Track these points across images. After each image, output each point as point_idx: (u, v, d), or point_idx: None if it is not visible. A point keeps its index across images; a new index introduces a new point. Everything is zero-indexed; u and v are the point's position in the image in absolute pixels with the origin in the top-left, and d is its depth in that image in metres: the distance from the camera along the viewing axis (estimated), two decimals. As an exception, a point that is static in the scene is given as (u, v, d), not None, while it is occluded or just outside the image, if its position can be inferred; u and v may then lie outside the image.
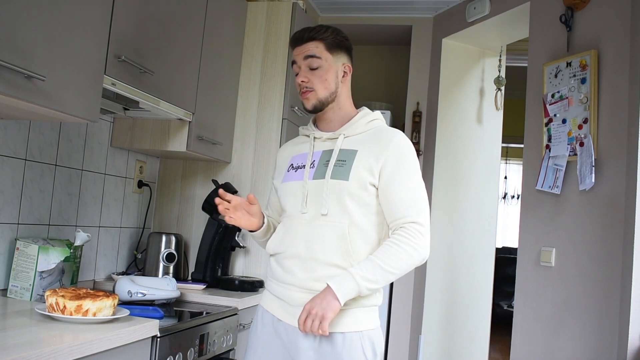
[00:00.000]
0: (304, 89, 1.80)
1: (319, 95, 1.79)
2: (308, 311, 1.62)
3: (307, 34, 1.81)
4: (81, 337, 1.48)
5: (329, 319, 1.61)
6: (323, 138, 1.83)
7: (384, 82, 4.35)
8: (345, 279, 1.65)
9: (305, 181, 1.78)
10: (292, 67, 1.85)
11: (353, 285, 1.64)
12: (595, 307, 2.49)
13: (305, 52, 1.80)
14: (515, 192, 8.76)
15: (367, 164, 1.73)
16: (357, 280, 1.64)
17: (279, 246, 1.81)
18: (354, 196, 1.72)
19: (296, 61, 1.82)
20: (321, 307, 1.61)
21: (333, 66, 1.81)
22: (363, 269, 1.66)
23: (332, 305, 1.62)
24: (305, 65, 1.80)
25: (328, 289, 1.64)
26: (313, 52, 1.79)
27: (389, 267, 1.66)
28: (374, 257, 1.68)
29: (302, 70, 1.80)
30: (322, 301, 1.62)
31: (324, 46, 1.80)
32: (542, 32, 2.96)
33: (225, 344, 2.29)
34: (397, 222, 1.72)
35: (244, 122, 3.00)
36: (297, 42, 1.83)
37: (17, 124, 2.06)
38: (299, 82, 1.80)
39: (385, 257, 1.67)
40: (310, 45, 1.80)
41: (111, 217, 2.67)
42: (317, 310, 1.61)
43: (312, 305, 1.63)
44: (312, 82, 1.79)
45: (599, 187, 2.53)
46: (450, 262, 3.82)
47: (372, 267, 1.66)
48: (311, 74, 1.79)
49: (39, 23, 1.57)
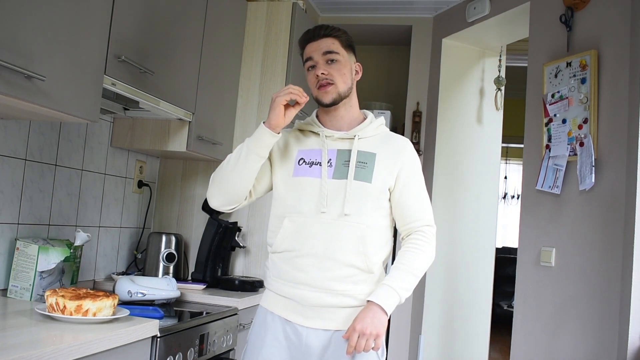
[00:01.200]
0: (324, 81, 1.78)
1: (339, 88, 1.79)
2: (361, 332, 1.65)
3: (323, 31, 1.81)
4: (81, 337, 1.48)
5: (382, 335, 1.69)
6: (334, 137, 1.82)
7: (384, 82, 4.35)
8: (386, 292, 1.71)
9: (324, 179, 1.76)
10: (305, 64, 1.82)
11: (395, 296, 1.71)
12: (595, 307, 2.49)
13: (323, 47, 1.79)
14: (515, 192, 8.76)
15: (387, 167, 1.78)
16: (398, 291, 1.71)
17: (292, 244, 1.77)
18: (374, 198, 1.77)
19: (312, 57, 1.80)
20: (374, 326, 1.66)
21: (348, 63, 1.83)
22: (399, 279, 1.73)
23: (382, 321, 1.68)
24: (324, 60, 1.79)
25: (373, 305, 1.69)
26: (331, 48, 1.79)
27: (417, 271, 1.76)
28: (403, 265, 1.75)
29: (320, 64, 1.78)
30: (373, 319, 1.67)
31: (339, 43, 1.81)
32: (542, 32, 2.96)
33: (225, 344, 2.29)
34: (413, 224, 1.80)
35: (244, 122, 3.00)
36: (311, 39, 1.81)
37: (17, 124, 2.06)
38: (318, 74, 1.78)
39: (413, 263, 1.76)
40: (328, 41, 1.80)
41: (111, 217, 2.67)
42: (372, 329, 1.66)
43: (365, 325, 1.66)
44: (332, 75, 1.78)
45: (599, 187, 2.53)
46: (450, 262, 3.82)
47: (405, 275, 1.74)
48: (330, 67, 1.78)
49: (39, 23, 1.57)
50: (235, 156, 1.74)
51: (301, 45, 1.85)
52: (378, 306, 1.68)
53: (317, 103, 1.84)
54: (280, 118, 1.70)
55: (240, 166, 1.73)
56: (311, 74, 1.81)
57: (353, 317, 1.71)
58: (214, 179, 1.79)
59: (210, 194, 1.80)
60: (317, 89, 1.80)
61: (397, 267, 1.75)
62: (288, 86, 1.71)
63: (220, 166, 1.78)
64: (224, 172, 1.76)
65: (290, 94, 1.69)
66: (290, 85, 1.71)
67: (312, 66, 1.81)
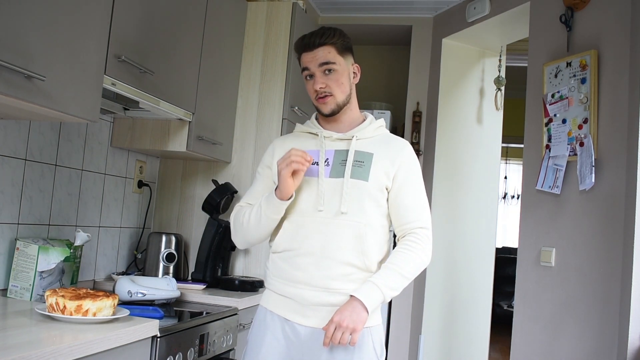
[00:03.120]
0: (323, 94, 1.79)
1: (338, 99, 1.80)
2: (338, 323, 1.65)
3: (318, 39, 1.79)
4: (81, 337, 1.48)
5: (359, 331, 1.66)
6: (332, 137, 1.83)
7: (384, 82, 4.36)
8: (370, 289, 1.69)
9: (322, 178, 1.77)
10: (303, 72, 1.83)
11: (378, 294, 1.70)
12: (595, 307, 2.49)
13: (318, 59, 1.79)
14: (515, 192, 8.76)
15: (384, 167, 1.78)
16: (382, 289, 1.70)
17: (290, 243, 1.78)
18: (371, 197, 1.77)
19: (309, 68, 1.80)
20: (352, 320, 1.65)
21: (346, 69, 1.83)
22: (385, 277, 1.72)
23: (361, 317, 1.67)
24: (320, 72, 1.79)
25: (355, 300, 1.68)
26: (327, 59, 1.79)
27: (407, 273, 1.74)
28: (392, 264, 1.74)
29: (317, 77, 1.79)
30: (351, 313, 1.66)
31: (335, 50, 1.80)
32: (542, 32, 2.96)
33: (225, 344, 2.29)
34: (408, 226, 1.79)
35: (244, 122, 3.00)
36: (306, 48, 1.81)
37: (17, 124, 2.06)
38: (316, 88, 1.79)
39: (403, 264, 1.74)
40: (323, 51, 1.79)
41: (111, 217, 2.67)
42: (348, 322, 1.64)
43: (342, 318, 1.65)
44: (330, 87, 1.79)
45: (599, 187, 2.53)
46: (450, 262, 3.82)
47: (392, 275, 1.72)
48: (327, 79, 1.79)
49: (39, 23, 1.57)
50: (256, 219, 1.80)
51: (297, 51, 1.85)
52: (359, 302, 1.67)
53: (316, 110, 1.86)
54: (291, 188, 1.73)
55: (262, 227, 1.80)
56: (309, 83, 1.82)
57: None
58: (237, 231, 1.88)
59: (236, 242, 1.92)
60: (316, 100, 1.82)
61: (386, 266, 1.75)
62: (289, 154, 1.69)
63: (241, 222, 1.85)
64: (245, 229, 1.84)
65: (292, 164, 1.68)
66: (292, 151, 1.70)
67: (309, 75, 1.81)
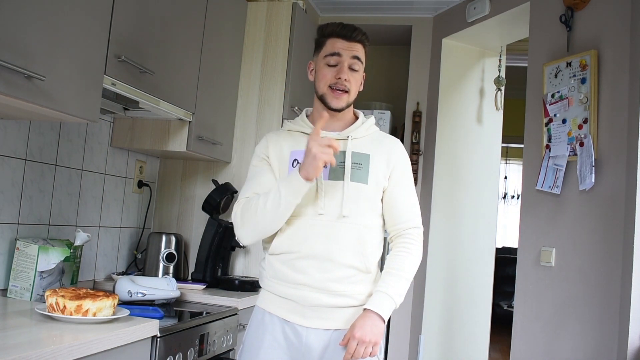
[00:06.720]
0: (342, 87, 1.76)
1: (350, 99, 1.81)
2: (360, 339, 1.67)
3: (359, 36, 1.79)
4: (81, 337, 1.48)
5: (380, 343, 1.71)
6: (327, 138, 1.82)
7: (384, 82, 4.35)
8: (383, 299, 1.72)
9: (321, 181, 1.76)
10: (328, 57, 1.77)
11: (390, 303, 1.73)
12: (595, 307, 2.49)
13: (354, 51, 1.78)
14: (515, 192, 8.76)
15: (381, 168, 1.80)
16: (394, 298, 1.73)
17: (290, 246, 1.76)
18: (370, 199, 1.78)
19: (341, 54, 1.77)
20: (373, 334, 1.68)
21: (362, 74, 1.84)
22: (394, 285, 1.75)
23: (380, 329, 1.71)
24: (349, 65, 1.77)
25: (371, 313, 1.71)
26: (359, 55, 1.79)
27: (409, 275, 1.78)
28: (397, 270, 1.77)
29: (346, 68, 1.77)
30: (372, 327, 1.69)
31: (364, 52, 1.82)
32: (542, 32, 2.96)
33: (225, 344, 2.29)
34: (402, 225, 1.81)
35: (244, 122, 3.00)
36: (344, 36, 1.78)
37: (17, 124, 2.06)
38: (342, 76, 1.75)
39: (405, 267, 1.78)
40: (359, 47, 1.80)
41: (111, 217, 2.67)
42: (370, 337, 1.68)
43: (364, 333, 1.68)
44: (350, 83, 1.78)
45: (599, 187, 2.53)
46: (450, 262, 3.82)
47: (399, 281, 1.76)
48: (351, 75, 1.78)
49: (39, 23, 1.57)
50: (273, 205, 1.68)
51: (327, 35, 1.80)
52: (376, 314, 1.70)
53: (321, 101, 1.80)
54: (319, 172, 1.65)
55: (280, 214, 1.69)
56: (330, 70, 1.77)
57: (352, 317, 1.73)
58: (246, 223, 1.74)
59: (243, 235, 1.77)
60: (329, 89, 1.77)
61: (390, 272, 1.76)
62: (330, 141, 1.63)
63: (254, 210, 1.72)
64: (260, 218, 1.71)
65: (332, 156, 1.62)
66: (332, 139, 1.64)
67: (334, 62, 1.77)
